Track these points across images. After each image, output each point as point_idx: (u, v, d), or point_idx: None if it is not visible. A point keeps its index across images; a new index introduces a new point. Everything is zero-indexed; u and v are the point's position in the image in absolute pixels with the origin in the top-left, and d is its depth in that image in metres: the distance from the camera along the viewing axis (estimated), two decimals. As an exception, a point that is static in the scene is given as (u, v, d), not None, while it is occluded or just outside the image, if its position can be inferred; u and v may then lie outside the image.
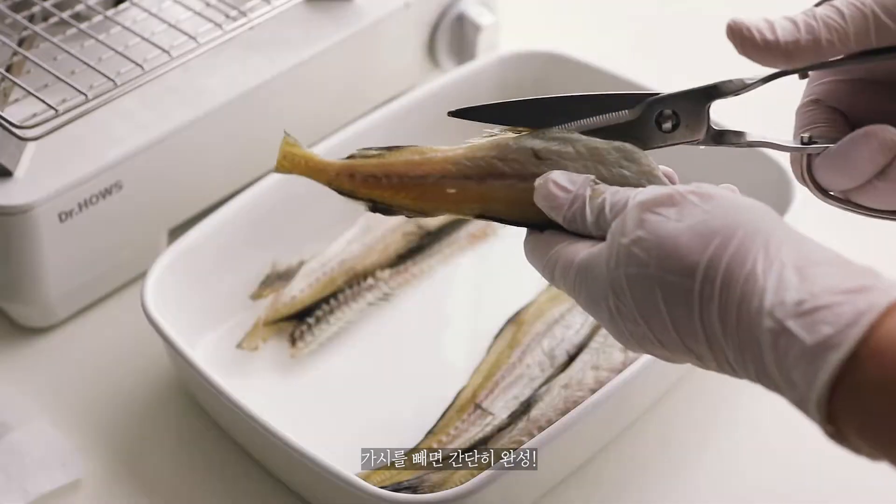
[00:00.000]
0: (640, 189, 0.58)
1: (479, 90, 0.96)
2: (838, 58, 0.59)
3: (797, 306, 0.50)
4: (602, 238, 0.57)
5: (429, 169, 0.62)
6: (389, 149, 0.63)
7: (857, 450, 0.50)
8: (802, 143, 0.61)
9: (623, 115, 0.62)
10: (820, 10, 0.58)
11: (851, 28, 0.57)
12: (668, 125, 0.62)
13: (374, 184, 0.63)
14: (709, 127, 0.62)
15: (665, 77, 0.95)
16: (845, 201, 0.61)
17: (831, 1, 0.58)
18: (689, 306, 0.53)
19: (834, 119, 0.61)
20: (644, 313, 0.55)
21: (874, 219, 0.62)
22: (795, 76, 0.61)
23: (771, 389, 0.52)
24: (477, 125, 0.96)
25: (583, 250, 0.58)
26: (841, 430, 0.49)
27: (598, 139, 0.62)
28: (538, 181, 0.61)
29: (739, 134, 0.62)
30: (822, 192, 0.61)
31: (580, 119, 0.62)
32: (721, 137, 0.62)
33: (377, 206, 0.63)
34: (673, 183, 0.61)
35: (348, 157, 0.64)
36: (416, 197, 0.63)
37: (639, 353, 0.58)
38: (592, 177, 0.60)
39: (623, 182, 0.61)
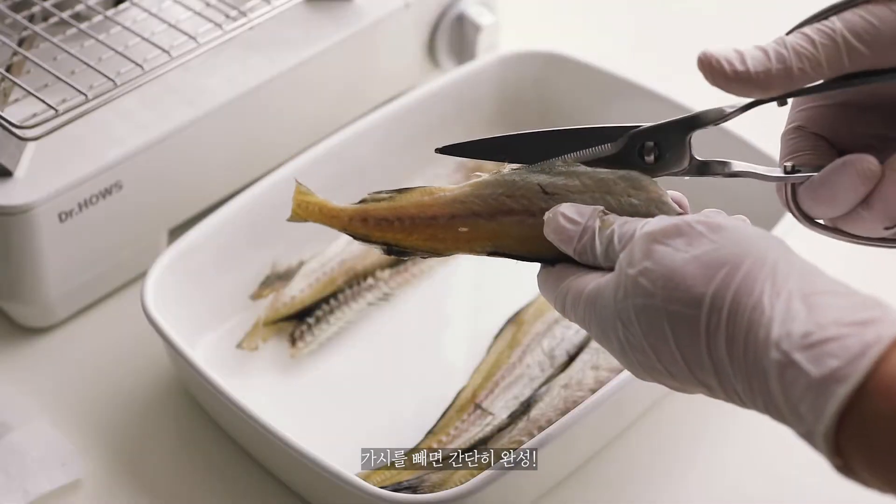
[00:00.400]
0: (649, 219, 0.58)
1: (479, 90, 0.96)
2: (814, 84, 0.58)
3: (804, 338, 0.49)
4: (612, 269, 0.57)
5: (439, 210, 0.63)
6: (400, 191, 0.64)
7: (865, 483, 0.50)
8: (786, 173, 0.60)
9: (606, 148, 0.63)
10: (790, 37, 0.58)
11: (823, 55, 0.57)
12: (650, 157, 0.62)
13: (387, 227, 0.64)
14: (691, 157, 0.62)
15: (665, 77, 0.95)
16: (833, 229, 0.60)
17: (802, 28, 0.58)
18: (696, 337, 0.53)
19: (817, 145, 0.61)
20: (652, 344, 0.55)
21: (868, 245, 0.61)
22: (774, 104, 0.60)
23: (779, 421, 0.52)
24: (483, 122, 0.97)
25: (592, 281, 0.58)
26: (849, 463, 0.49)
27: (603, 170, 0.62)
28: (547, 214, 0.61)
29: (724, 164, 0.62)
30: (809, 220, 0.60)
31: (564, 154, 0.63)
32: (705, 168, 0.62)
33: (391, 249, 0.64)
34: (683, 207, 0.62)
35: (360, 202, 0.64)
36: (429, 238, 0.63)
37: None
38: (601, 208, 0.60)
39: (632, 211, 0.61)
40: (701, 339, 0.53)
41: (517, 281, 0.86)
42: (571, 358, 0.80)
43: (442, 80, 0.95)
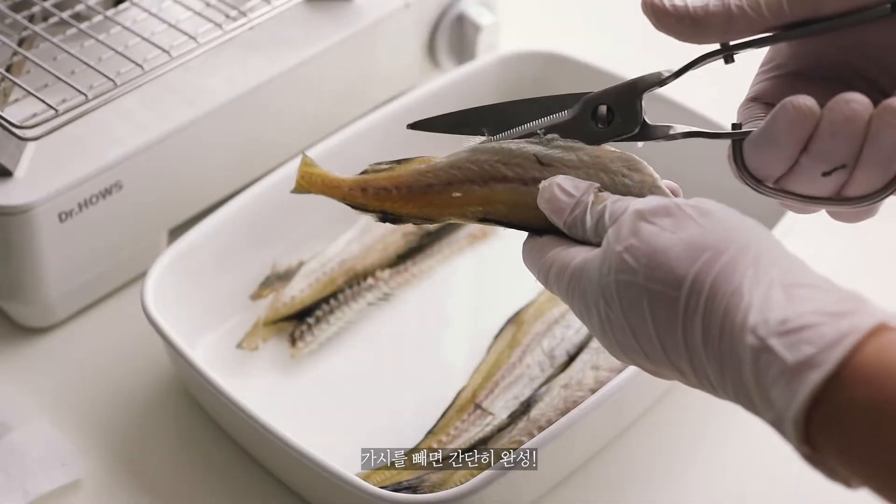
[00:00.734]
0: (641, 199, 0.58)
1: (479, 90, 0.96)
2: (759, 37, 0.59)
3: (781, 325, 0.50)
4: (599, 245, 0.58)
5: (434, 178, 0.64)
6: (399, 161, 0.65)
7: (832, 474, 0.50)
8: (732, 129, 0.61)
9: (564, 114, 0.64)
10: None
11: None
12: (604, 120, 0.63)
13: (384, 196, 0.64)
14: (643, 121, 0.63)
15: (665, 77, 0.95)
16: (780, 191, 0.60)
17: None
18: (674, 318, 0.53)
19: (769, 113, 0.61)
20: (631, 322, 0.55)
21: (809, 208, 0.61)
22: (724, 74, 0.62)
23: (749, 410, 0.52)
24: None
25: (579, 255, 0.58)
26: (819, 452, 0.49)
27: (600, 147, 0.62)
28: (543, 184, 0.61)
29: (670, 126, 0.63)
30: (757, 181, 0.60)
31: (527, 122, 0.64)
32: (656, 130, 0.63)
33: (386, 217, 0.65)
34: (676, 195, 0.62)
35: (362, 173, 0.65)
36: (424, 204, 0.64)
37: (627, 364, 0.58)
38: (597, 184, 0.61)
39: (625, 191, 0.61)
40: (678, 320, 0.53)
41: (517, 281, 0.86)
42: (571, 358, 0.80)
43: (442, 80, 0.95)
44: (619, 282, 0.55)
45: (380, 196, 0.64)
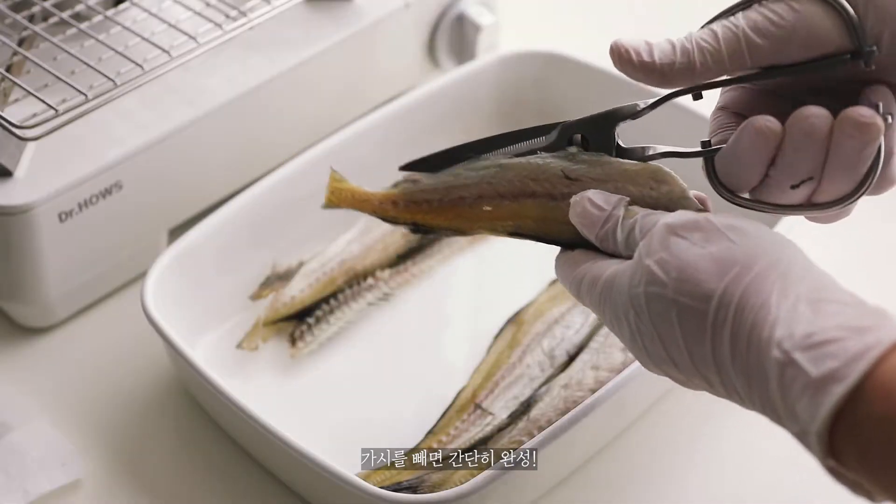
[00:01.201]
0: (671, 213, 0.59)
1: (479, 90, 0.96)
2: (722, 79, 0.61)
3: (806, 339, 0.50)
4: (630, 258, 0.58)
5: (465, 191, 0.65)
6: (427, 175, 0.65)
7: (856, 487, 0.50)
8: (703, 148, 0.62)
9: (540, 141, 0.65)
10: (699, 32, 0.60)
11: (724, 49, 0.59)
12: (579, 147, 0.64)
13: (415, 209, 0.65)
14: (618, 146, 0.64)
15: (665, 77, 0.95)
16: (755, 201, 0.61)
17: (711, 24, 0.60)
18: (703, 331, 0.54)
19: (738, 123, 0.62)
20: (661, 333, 0.56)
21: (785, 215, 0.62)
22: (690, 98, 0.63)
23: (775, 421, 0.53)
24: (483, 122, 0.97)
25: (610, 268, 0.59)
26: (842, 464, 0.50)
27: (627, 161, 0.63)
28: (574, 198, 0.62)
29: (647, 148, 0.64)
30: (731, 193, 0.61)
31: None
32: (631, 154, 0.64)
33: (418, 228, 0.66)
34: (704, 205, 0.62)
35: (393, 186, 0.66)
36: (454, 217, 0.65)
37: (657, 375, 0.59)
38: (627, 198, 0.61)
39: (653, 203, 0.62)
40: (707, 333, 0.54)
41: (517, 281, 0.86)
42: (571, 358, 0.81)
43: (442, 80, 0.95)
44: (648, 294, 0.56)
45: (411, 209, 0.65)
